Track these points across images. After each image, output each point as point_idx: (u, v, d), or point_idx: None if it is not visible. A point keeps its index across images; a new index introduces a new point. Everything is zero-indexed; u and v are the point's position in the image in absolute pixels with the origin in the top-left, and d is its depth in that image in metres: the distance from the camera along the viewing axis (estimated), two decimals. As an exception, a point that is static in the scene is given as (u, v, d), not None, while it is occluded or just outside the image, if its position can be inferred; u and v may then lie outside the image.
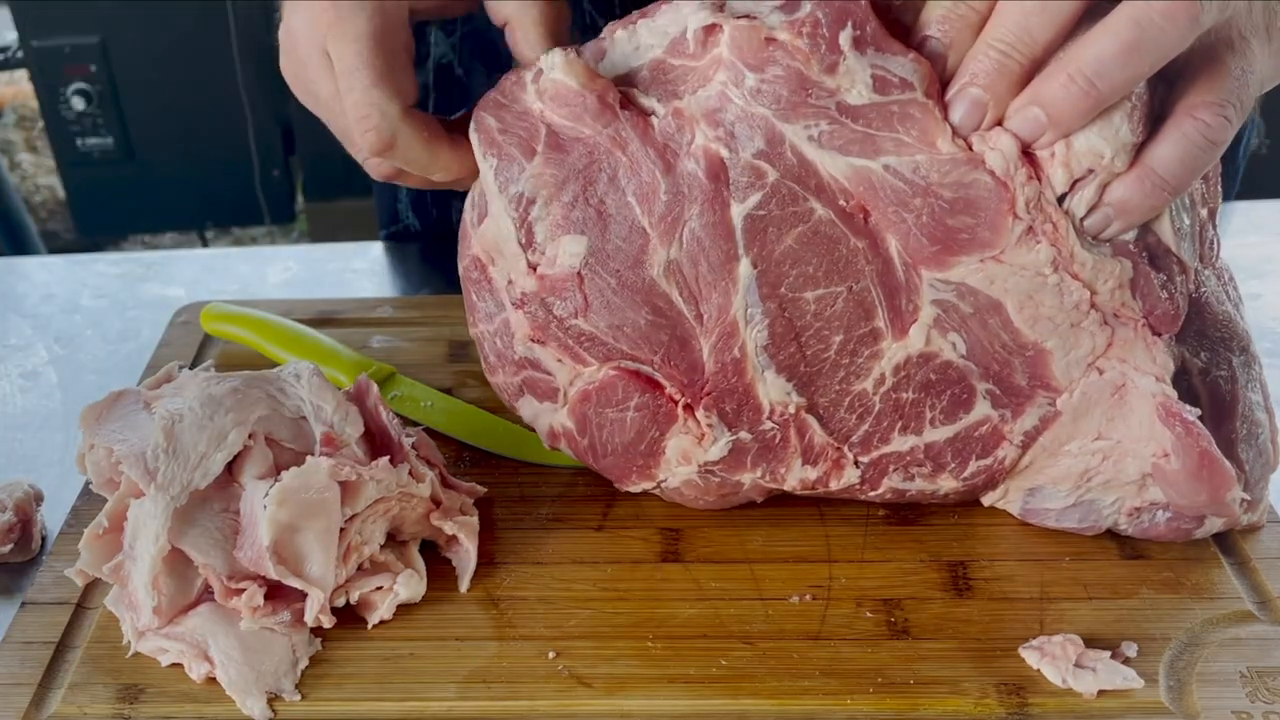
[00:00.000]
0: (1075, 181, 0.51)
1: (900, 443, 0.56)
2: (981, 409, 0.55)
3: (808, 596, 0.59)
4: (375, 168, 0.61)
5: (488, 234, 0.58)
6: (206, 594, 0.57)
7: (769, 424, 0.56)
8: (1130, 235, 0.52)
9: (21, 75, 2.60)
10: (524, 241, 0.56)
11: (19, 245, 2.20)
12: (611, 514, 0.64)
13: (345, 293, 0.91)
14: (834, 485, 0.58)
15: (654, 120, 0.54)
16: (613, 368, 0.56)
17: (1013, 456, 0.57)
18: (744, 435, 0.56)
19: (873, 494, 0.59)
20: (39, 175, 2.97)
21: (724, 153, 0.52)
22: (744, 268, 0.53)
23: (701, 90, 0.53)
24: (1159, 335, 0.54)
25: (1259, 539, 0.61)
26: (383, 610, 0.58)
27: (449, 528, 0.60)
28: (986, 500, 0.62)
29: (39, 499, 0.66)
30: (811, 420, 0.56)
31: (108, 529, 0.57)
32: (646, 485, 0.61)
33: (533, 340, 0.58)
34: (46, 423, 0.76)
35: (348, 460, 0.58)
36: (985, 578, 0.60)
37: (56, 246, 2.64)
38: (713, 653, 0.56)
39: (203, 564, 0.55)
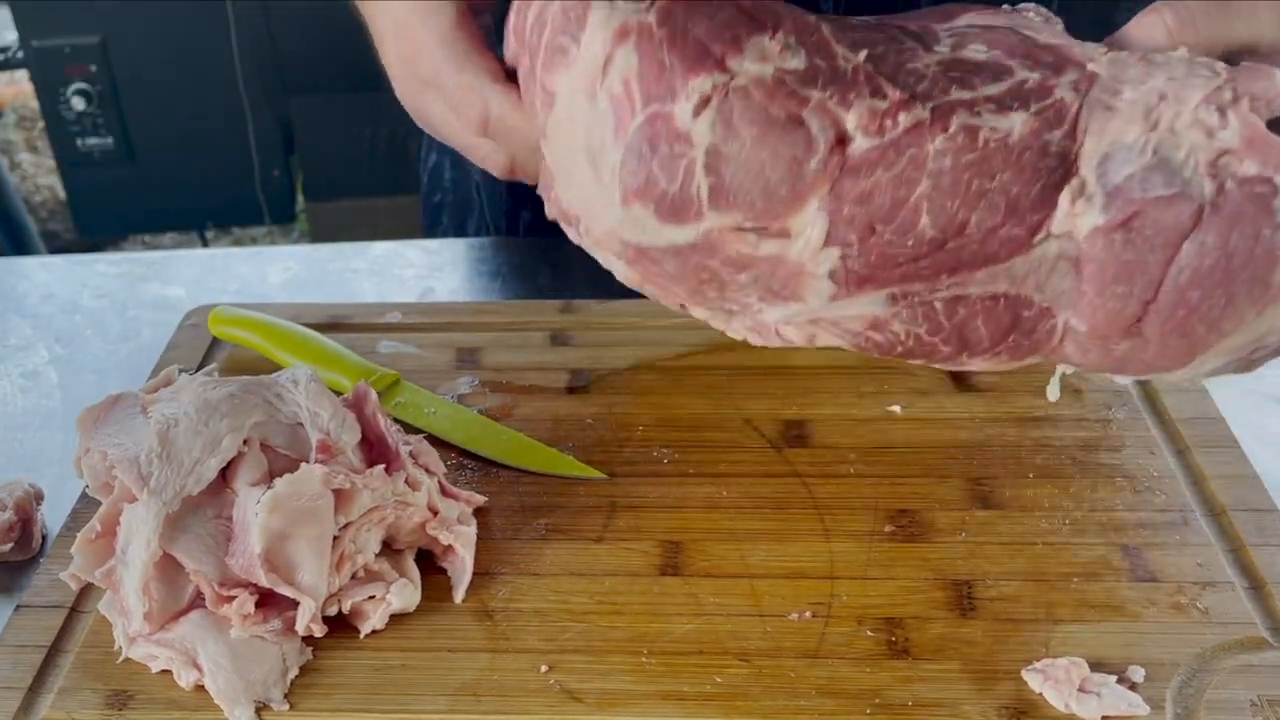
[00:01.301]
0: None
1: (960, 94, 0.63)
2: (1022, 72, 0.63)
3: (807, 614, 0.58)
4: (491, 158, 0.63)
5: None
6: (198, 601, 0.56)
7: (842, 60, 0.63)
8: None
9: (22, 75, 2.61)
10: None
11: (19, 245, 2.20)
12: (612, 525, 0.64)
13: (346, 293, 0.90)
14: (903, 120, 0.61)
15: None
16: None
17: (1070, 97, 0.62)
18: (819, 61, 0.62)
19: (943, 138, 0.61)
20: (39, 175, 2.97)
21: None
22: None
23: None
24: None
25: (1273, 561, 0.60)
26: (375, 620, 0.57)
27: (445, 537, 0.59)
28: (1064, 198, 0.61)
29: (39, 498, 0.66)
30: (879, 75, 0.63)
31: (101, 533, 0.57)
32: (712, 82, 0.59)
33: None
34: (46, 423, 0.76)
35: (342, 468, 0.57)
36: (990, 597, 0.59)
37: (56, 246, 2.64)
38: (708, 669, 0.55)
39: (194, 570, 0.55)
